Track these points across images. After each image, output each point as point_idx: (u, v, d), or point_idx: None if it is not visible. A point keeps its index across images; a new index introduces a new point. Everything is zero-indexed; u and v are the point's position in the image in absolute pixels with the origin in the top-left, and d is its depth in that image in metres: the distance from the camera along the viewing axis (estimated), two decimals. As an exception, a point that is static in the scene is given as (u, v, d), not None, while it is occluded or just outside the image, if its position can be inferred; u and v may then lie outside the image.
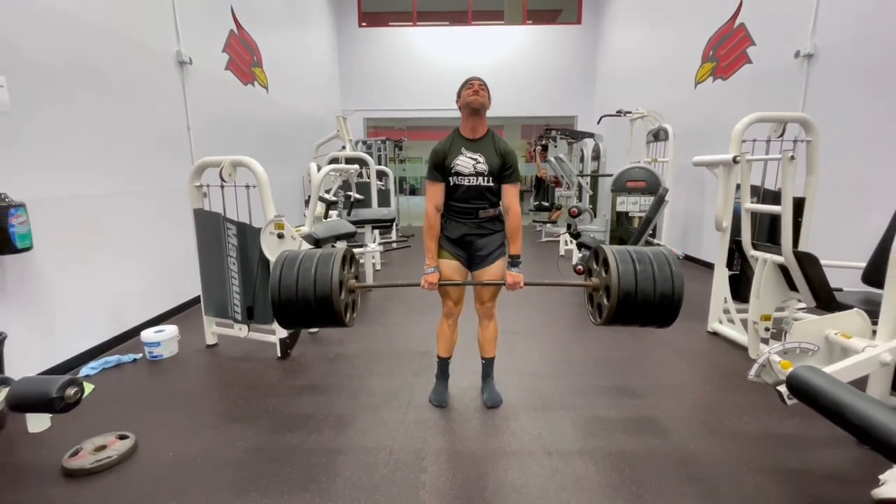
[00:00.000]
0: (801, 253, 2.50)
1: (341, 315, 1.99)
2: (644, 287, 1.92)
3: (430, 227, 2.16)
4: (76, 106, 2.88)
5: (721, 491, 1.71)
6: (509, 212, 2.14)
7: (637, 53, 7.78)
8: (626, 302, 1.92)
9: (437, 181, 2.14)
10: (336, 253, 2.06)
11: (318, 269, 1.98)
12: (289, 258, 2.05)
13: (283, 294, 1.97)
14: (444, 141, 2.18)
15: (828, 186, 3.45)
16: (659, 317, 1.99)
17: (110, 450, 1.96)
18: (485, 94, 2.11)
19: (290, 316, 2.02)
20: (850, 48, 3.61)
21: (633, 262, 1.97)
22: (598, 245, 2.19)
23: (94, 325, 3.03)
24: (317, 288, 1.94)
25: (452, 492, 1.73)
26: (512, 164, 2.12)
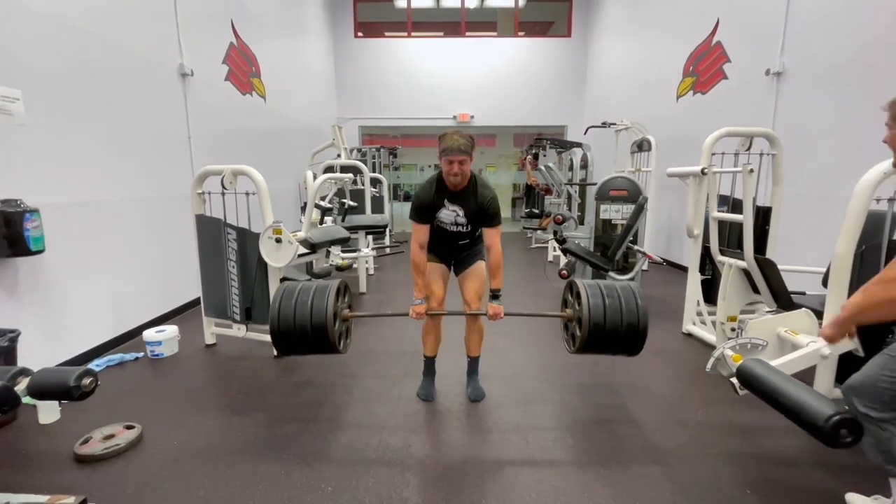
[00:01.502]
0: (761, 258, 2.71)
1: (335, 344, 2.20)
2: (612, 319, 2.13)
3: (417, 264, 2.29)
4: (85, 117, 3.04)
5: (680, 473, 1.89)
6: (491, 250, 2.26)
7: (623, 66, 8.06)
8: (597, 332, 2.13)
9: (422, 223, 2.27)
10: (330, 286, 2.27)
11: (315, 301, 2.18)
12: (287, 291, 2.26)
13: (281, 324, 2.17)
14: (428, 187, 2.26)
15: (795, 197, 3.69)
16: (627, 346, 2.19)
17: (118, 438, 2.10)
18: (466, 167, 2.13)
19: (289, 344, 2.23)
20: (815, 67, 3.86)
21: (602, 296, 2.17)
22: (572, 279, 2.41)
23: (99, 325, 3.17)
24: (313, 319, 2.15)
25: (436, 473, 1.89)
26: (492, 212, 2.22)
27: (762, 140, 3.34)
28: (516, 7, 10.28)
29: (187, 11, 4.12)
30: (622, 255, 4.51)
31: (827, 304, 2.03)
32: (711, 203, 3.13)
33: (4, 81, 2.47)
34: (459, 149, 2.08)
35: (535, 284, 5.29)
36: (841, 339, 1.44)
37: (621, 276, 4.43)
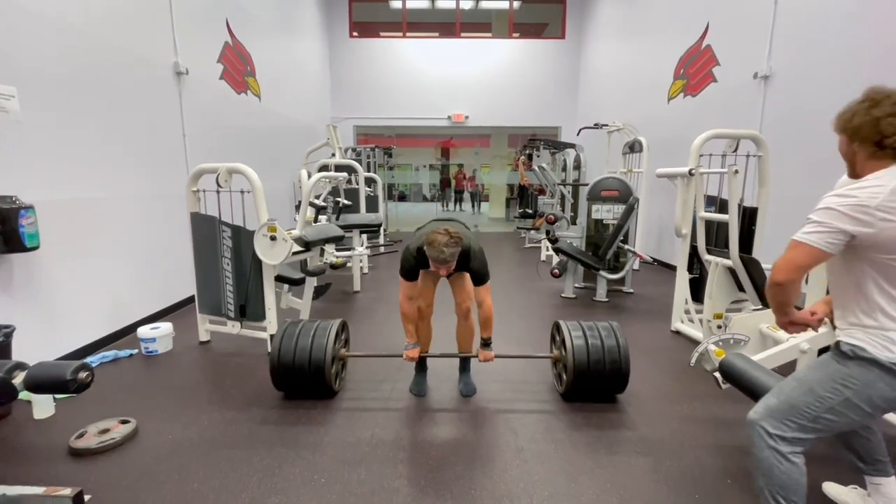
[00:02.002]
0: (745, 257, 2.77)
1: (331, 383, 2.41)
2: (595, 357, 2.33)
3: (406, 315, 2.38)
4: (80, 114, 3.06)
5: (664, 464, 1.95)
6: (481, 306, 2.32)
7: (616, 68, 8.14)
8: (581, 373, 2.33)
9: (409, 280, 2.33)
10: (331, 326, 2.48)
11: (315, 341, 2.41)
12: (288, 332, 2.46)
13: (281, 361, 2.39)
14: (416, 254, 2.23)
15: (781, 198, 3.76)
16: (612, 382, 2.38)
17: (113, 433, 2.13)
18: (452, 265, 2.16)
19: (286, 380, 2.44)
20: (801, 71, 3.94)
21: (585, 337, 2.39)
22: (556, 321, 2.61)
23: (93, 322, 3.18)
24: (311, 359, 2.37)
25: (427, 466, 1.93)
26: (479, 273, 2.26)
27: (749, 142, 3.41)
28: (511, 9, 10.35)
29: (182, 10, 4.14)
30: (613, 254, 4.58)
31: (807, 301, 2.09)
32: (699, 203, 3.19)
33: (0, 79, 2.49)
34: (445, 259, 2.09)
35: (528, 284, 5.35)
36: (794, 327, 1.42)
37: (612, 275, 4.50)
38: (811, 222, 1.24)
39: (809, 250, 1.22)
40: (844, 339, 1.30)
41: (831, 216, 1.20)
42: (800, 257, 1.24)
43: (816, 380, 1.33)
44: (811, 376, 1.36)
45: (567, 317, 2.70)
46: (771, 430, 1.33)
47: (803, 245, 1.23)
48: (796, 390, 1.35)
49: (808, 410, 1.31)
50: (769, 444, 1.33)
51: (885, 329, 1.24)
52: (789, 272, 1.25)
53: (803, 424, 1.31)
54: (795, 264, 1.24)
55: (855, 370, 1.27)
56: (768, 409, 1.36)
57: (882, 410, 1.29)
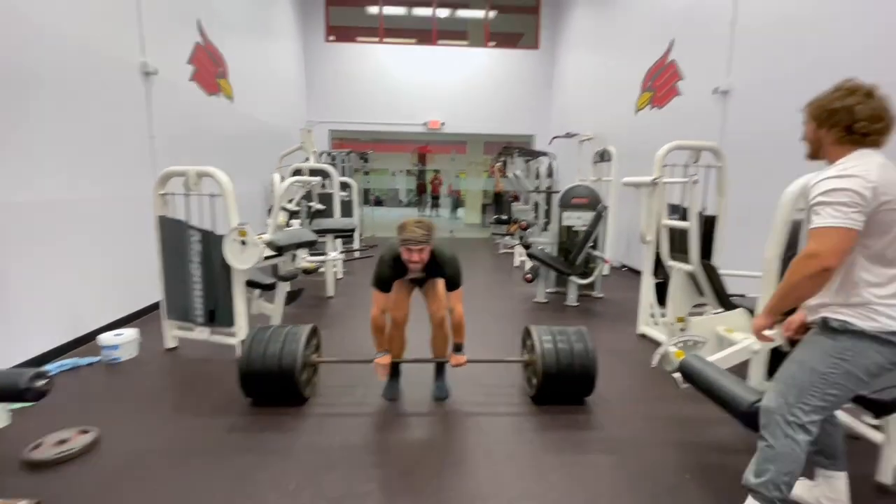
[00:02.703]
0: (705, 263, 2.92)
1: (302, 390, 2.40)
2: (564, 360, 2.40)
3: (377, 327, 2.39)
4: (39, 113, 2.95)
5: (628, 461, 2.03)
6: (453, 312, 2.36)
7: (588, 79, 8.39)
8: (550, 377, 2.40)
9: (383, 291, 2.34)
10: (301, 332, 2.46)
11: (285, 347, 2.38)
12: (257, 338, 2.43)
13: (250, 366, 2.35)
14: (390, 263, 2.27)
15: (740, 206, 3.96)
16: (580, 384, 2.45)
17: (72, 443, 2.05)
18: (424, 254, 2.18)
19: (256, 387, 2.41)
20: (757, 87, 4.18)
21: (554, 341, 2.45)
22: (527, 326, 2.67)
23: (51, 328, 3.06)
24: (281, 366, 2.34)
25: (398, 469, 1.95)
26: (452, 279, 2.30)
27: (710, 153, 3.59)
28: (486, 18, 10.53)
29: (151, 8, 4.05)
30: (583, 260, 4.71)
31: (758, 304, 2.22)
32: (662, 211, 3.33)
33: (-47, 75, 2.39)
34: (418, 239, 2.13)
35: (502, 289, 5.42)
36: (768, 328, 1.51)
37: (582, 280, 4.63)
38: (833, 206, 1.27)
39: (848, 233, 1.27)
40: (831, 315, 1.38)
41: (851, 196, 1.26)
42: (844, 241, 1.27)
43: (814, 359, 1.41)
44: (808, 357, 1.43)
45: (539, 321, 2.78)
46: (789, 417, 1.41)
47: (841, 229, 1.26)
48: (799, 373, 1.43)
49: (815, 389, 1.39)
50: (787, 432, 1.41)
51: (869, 303, 1.33)
52: (838, 256, 1.28)
53: (815, 405, 1.40)
54: (841, 248, 1.27)
55: (847, 342, 1.36)
56: (781, 396, 1.44)
57: (875, 377, 1.39)
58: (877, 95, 1.36)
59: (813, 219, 1.33)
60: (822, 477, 1.68)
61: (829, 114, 1.39)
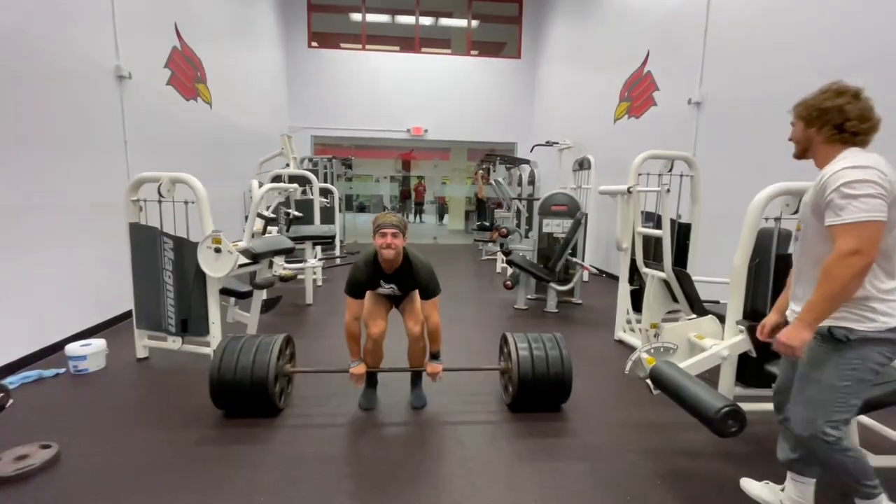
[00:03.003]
0: (678, 270, 2.97)
1: (275, 401, 2.36)
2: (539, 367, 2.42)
3: (351, 334, 2.37)
4: (6, 116, 2.87)
5: (601, 468, 2.04)
6: (428, 320, 2.36)
7: (568, 89, 8.53)
8: (525, 384, 2.41)
9: (357, 298, 2.35)
10: (274, 342, 2.42)
11: (257, 357, 2.33)
12: (228, 348, 2.38)
13: (221, 378, 2.30)
14: (364, 268, 2.31)
15: (713, 214, 4.06)
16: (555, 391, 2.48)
17: (32, 458, 1.98)
18: (398, 241, 2.21)
19: (227, 398, 2.36)
20: (728, 98, 4.31)
21: (530, 348, 2.48)
22: (504, 333, 2.68)
23: (12, 339, 2.94)
24: (253, 377, 2.29)
25: (371, 480, 1.93)
26: (429, 287, 2.32)
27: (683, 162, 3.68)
28: (469, 27, 10.64)
29: (125, 11, 3.98)
30: (563, 266, 4.76)
31: (728, 310, 2.27)
32: (637, 219, 3.39)
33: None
34: (392, 223, 2.19)
35: (483, 295, 5.44)
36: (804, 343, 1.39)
37: (562, 287, 4.67)
38: (859, 198, 1.27)
39: (879, 225, 1.28)
40: (835, 324, 1.39)
41: (874, 188, 1.28)
42: (876, 233, 1.28)
43: (830, 376, 1.43)
44: (823, 376, 1.44)
45: (518, 328, 2.79)
46: (827, 438, 1.42)
47: (873, 222, 1.27)
48: (821, 393, 1.45)
49: (839, 404, 1.43)
50: (834, 448, 1.43)
51: (869, 298, 1.36)
52: (873, 247, 1.27)
53: (842, 418, 1.44)
54: (874, 240, 1.28)
55: (851, 353, 1.39)
56: (810, 423, 1.45)
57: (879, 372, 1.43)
58: (863, 97, 1.43)
59: (838, 214, 1.30)
60: (793, 482, 1.70)
61: (820, 113, 1.44)
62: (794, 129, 1.57)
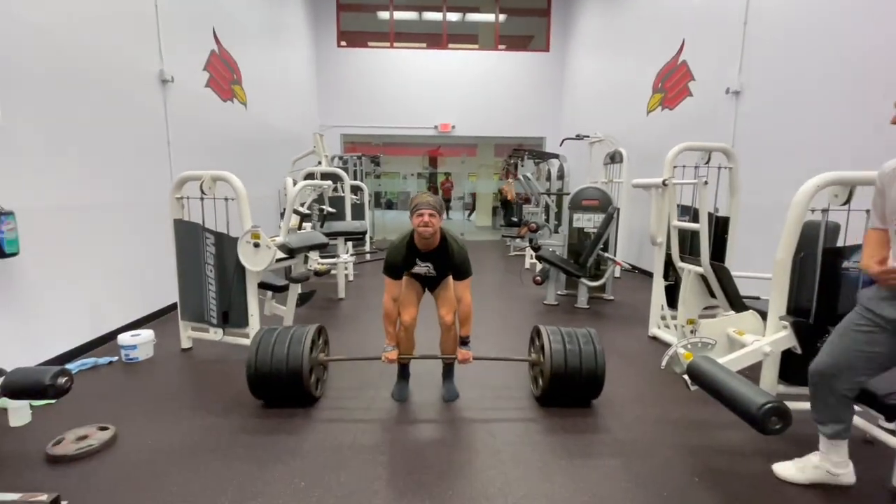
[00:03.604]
0: (716, 265, 2.89)
1: (311, 391, 2.43)
2: (572, 363, 2.39)
3: (388, 315, 2.41)
4: (62, 121, 3.06)
5: (635, 464, 2.02)
6: (461, 302, 2.39)
7: (598, 81, 8.36)
8: (557, 378, 2.39)
9: (394, 279, 2.39)
10: (306, 333, 2.47)
11: (291, 349, 2.39)
12: (264, 340, 2.45)
13: (258, 370, 2.38)
14: (400, 248, 2.35)
15: (753, 207, 3.91)
16: (586, 388, 2.45)
17: (91, 439, 2.12)
18: (435, 220, 2.23)
19: (264, 392, 2.44)
20: (769, 87, 4.13)
21: (563, 342, 2.44)
22: (536, 325, 2.66)
23: (72, 329, 3.16)
24: (288, 368, 2.36)
25: (406, 469, 1.97)
26: (462, 267, 2.36)
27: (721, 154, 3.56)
28: (497, 21, 10.56)
29: (168, 18, 4.17)
30: (594, 262, 4.69)
31: (770, 305, 2.19)
32: (672, 213, 3.31)
33: (-18, 85, 2.50)
34: (429, 203, 2.23)
35: (512, 291, 5.42)
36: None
37: (593, 283, 4.61)
38: None
39: None
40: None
41: None
42: None
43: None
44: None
45: (549, 323, 2.77)
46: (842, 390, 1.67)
47: None
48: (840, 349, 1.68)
49: None
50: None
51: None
52: None
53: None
54: None
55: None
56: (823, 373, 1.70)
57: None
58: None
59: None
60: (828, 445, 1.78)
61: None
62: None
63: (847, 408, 1.73)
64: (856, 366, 1.65)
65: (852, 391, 1.69)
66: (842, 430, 1.74)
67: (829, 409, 1.73)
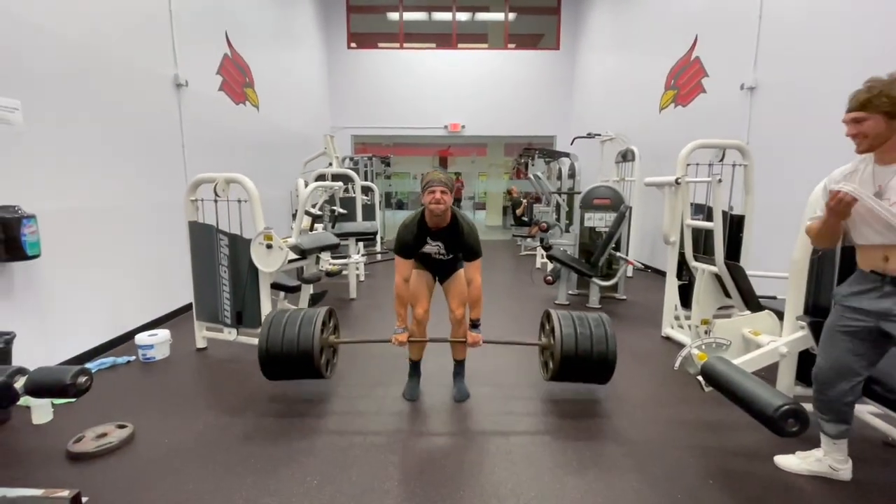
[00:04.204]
0: (731, 264, 2.84)
1: (322, 371, 2.43)
2: (583, 348, 2.33)
3: (399, 296, 2.42)
4: (81, 125, 3.13)
5: (648, 465, 2.00)
6: (471, 284, 2.39)
7: (609, 78, 8.28)
8: (567, 361, 2.34)
9: (406, 258, 2.39)
10: (317, 315, 2.45)
11: (301, 330, 2.38)
12: (275, 320, 2.44)
13: (270, 352, 2.38)
14: (411, 226, 2.36)
15: (769, 206, 3.84)
16: (597, 373, 2.39)
17: (111, 437, 2.17)
18: (447, 197, 2.24)
19: (275, 371, 2.45)
20: (785, 82, 4.05)
21: (574, 326, 2.38)
22: (547, 310, 2.61)
23: (91, 329, 3.23)
24: (299, 349, 2.36)
25: (418, 468, 1.98)
26: (472, 249, 2.36)
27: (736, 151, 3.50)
28: (506, 20, 10.52)
29: (182, 23, 4.24)
30: (606, 261, 4.65)
31: (787, 305, 2.15)
32: (686, 211, 3.26)
33: (4, 92, 2.57)
34: (440, 180, 2.24)
35: (522, 291, 5.40)
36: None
37: (605, 282, 4.57)
38: None
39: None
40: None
41: None
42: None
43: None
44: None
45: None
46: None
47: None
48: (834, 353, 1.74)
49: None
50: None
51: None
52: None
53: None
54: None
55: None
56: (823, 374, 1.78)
57: None
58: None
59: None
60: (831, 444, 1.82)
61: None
62: (865, 123, 1.54)
63: (850, 409, 1.76)
64: (851, 367, 1.70)
65: (854, 392, 1.72)
66: (845, 430, 1.78)
67: (833, 411, 1.77)
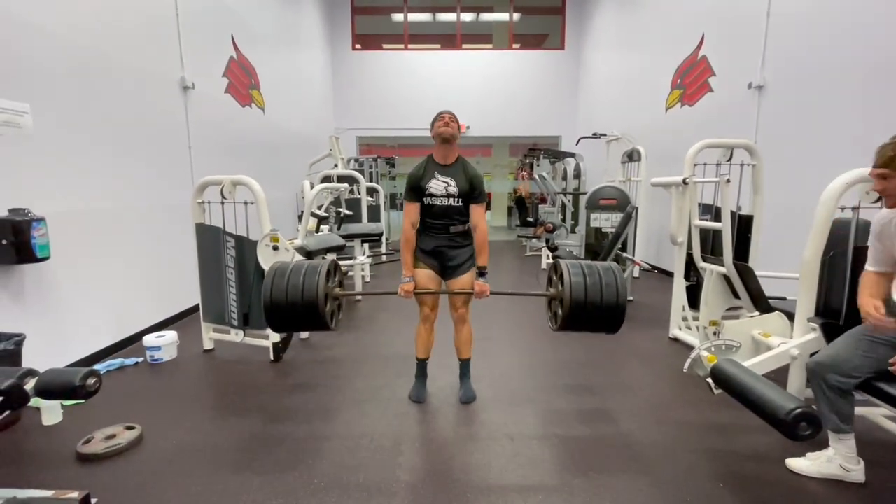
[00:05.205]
0: (739, 264, 2.81)
1: (326, 320, 2.23)
2: (592, 296, 2.18)
3: (407, 241, 2.43)
4: (90, 128, 3.16)
5: (657, 468, 1.98)
6: (476, 229, 2.41)
7: (615, 78, 8.24)
8: (577, 308, 2.18)
9: (413, 201, 2.42)
10: (322, 265, 2.33)
11: (306, 279, 2.24)
12: (280, 269, 2.31)
13: (273, 300, 2.22)
14: (419, 165, 2.44)
15: (778, 205, 3.80)
16: (606, 323, 2.24)
17: (119, 438, 2.18)
18: (455, 125, 2.38)
19: (279, 319, 2.28)
20: (793, 81, 4.01)
21: (583, 274, 2.24)
22: (556, 260, 2.48)
23: (100, 330, 3.25)
24: (304, 296, 2.19)
25: (425, 470, 1.98)
26: (479, 187, 2.40)
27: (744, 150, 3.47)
28: (511, 20, 10.51)
29: (189, 26, 4.26)
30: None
31: (798, 306, 2.13)
32: (693, 212, 3.24)
33: (14, 96, 2.59)
34: (449, 111, 2.41)
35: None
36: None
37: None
38: None
39: None
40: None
41: None
42: None
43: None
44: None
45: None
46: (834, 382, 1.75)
47: None
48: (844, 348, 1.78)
49: None
50: None
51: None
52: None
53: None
54: None
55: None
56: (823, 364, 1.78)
57: None
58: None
59: None
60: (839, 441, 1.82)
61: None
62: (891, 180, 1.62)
63: (845, 400, 1.76)
64: (852, 361, 1.72)
65: (845, 384, 1.72)
66: (841, 422, 1.77)
67: (826, 400, 1.77)
